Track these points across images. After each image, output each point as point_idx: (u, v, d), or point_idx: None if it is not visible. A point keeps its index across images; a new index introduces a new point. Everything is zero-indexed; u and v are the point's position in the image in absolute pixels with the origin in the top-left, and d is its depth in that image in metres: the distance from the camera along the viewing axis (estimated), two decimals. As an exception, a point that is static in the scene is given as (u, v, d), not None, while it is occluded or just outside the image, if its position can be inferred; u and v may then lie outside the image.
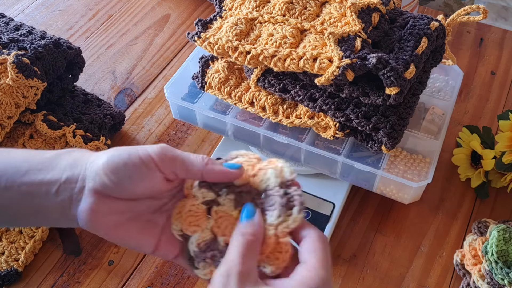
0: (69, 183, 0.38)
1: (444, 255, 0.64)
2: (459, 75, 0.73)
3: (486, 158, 0.66)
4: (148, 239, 0.40)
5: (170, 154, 0.39)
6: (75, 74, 0.77)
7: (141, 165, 0.38)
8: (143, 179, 0.38)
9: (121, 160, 0.38)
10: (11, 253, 0.65)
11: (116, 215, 0.39)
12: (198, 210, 0.40)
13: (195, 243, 0.39)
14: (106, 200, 0.38)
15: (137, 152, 0.38)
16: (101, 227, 0.38)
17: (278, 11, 0.61)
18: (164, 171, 0.39)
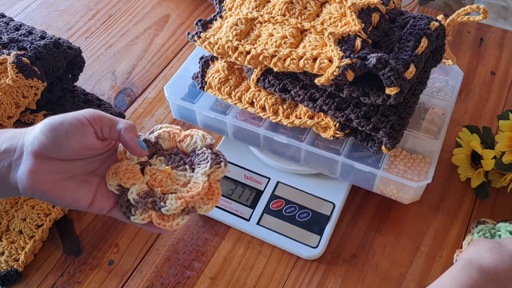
0: (8, 153, 0.43)
1: (444, 255, 0.64)
2: (459, 75, 0.73)
3: (486, 158, 0.66)
4: (84, 195, 0.46)
5: (100, 113, 0.45)
6: (75, 74, 0.77)
7: (75, 122, 0.44)
8: (77, 134, 0.44)
9: (58, 120, 0.43)
10: (11, 253, 0.65)
11: (54, 174, 0.43)
12: (134, 168, 0.48)
13: (135, 192, 0.46)
14: (44, 160, 0.43)
15: (71, 114, 0.44)
16: (40, 186, 0.43)
17: (278, 11, 0.61)
18: (94, 126, 0.45)
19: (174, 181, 0.49)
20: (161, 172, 0.49)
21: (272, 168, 0.70)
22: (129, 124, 0.47)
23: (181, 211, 0.47)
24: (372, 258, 0.64)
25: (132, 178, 0.47)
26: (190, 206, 0.48)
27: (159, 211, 0.46)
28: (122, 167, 0.47)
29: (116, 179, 0.47)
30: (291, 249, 0.64)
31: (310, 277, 0.63)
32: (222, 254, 0.65)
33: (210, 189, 0.48)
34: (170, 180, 0.49)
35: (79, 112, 0.45)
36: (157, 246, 0.66)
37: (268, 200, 0.68)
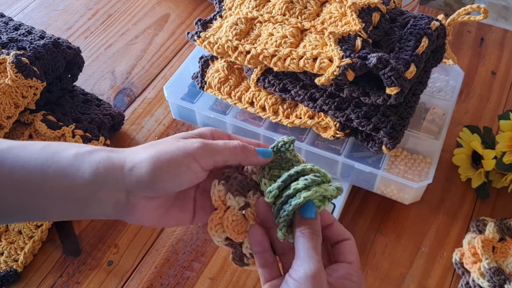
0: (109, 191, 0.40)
1: (444, 256, 0.64)
2: (460, 75, 0.72)
3: (486, 158, 0.66)
4: (187, 215, 0.44)
5: (211, 152, 0.41)
6: (75, 74, 0.77)
7: (186, 169, 0.40)
8: (187, 178, 0.41)
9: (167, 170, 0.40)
10: (10, 253, 0.64)
11: (159, 209, 0.42)
12: (239, 218, 0.43)
13: (249, 246, 0.42)
14: (151, 200, 0.41)
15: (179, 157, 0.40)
16: (148, 222, 0.42)
17: (278, 11, 0.61)
18: (206, 168, 0.41)
19: None
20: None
21: (272, 168, 0.70)
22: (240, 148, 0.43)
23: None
24: (373, 259, 0.64)
25: (242, 231, 0.43)
26: None
27: None
28: (228, 220, 0.43)
29: (223, 233, 0.43)
30: (291, 249, 0.64)
31: (310, 278, 0.63)
32: (221, 255, 0.65)
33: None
34: None
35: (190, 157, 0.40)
36: (157, 246, 0.66)
37: (268, 200, 0.67)
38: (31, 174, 0.40)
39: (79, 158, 0.40)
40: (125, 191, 0.40)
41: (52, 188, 0.40)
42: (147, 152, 0.40)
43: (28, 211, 0.42)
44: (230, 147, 0.42)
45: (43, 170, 0.40)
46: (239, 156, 0.42)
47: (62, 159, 0.40)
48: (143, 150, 0.41)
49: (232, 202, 0.43)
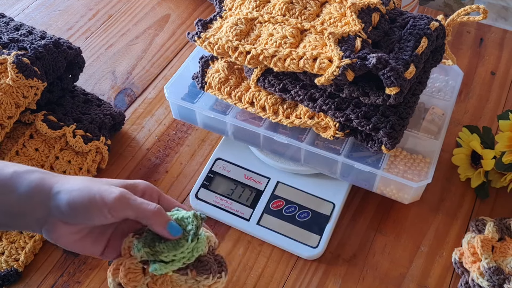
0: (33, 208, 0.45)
1: (444, 255, 0.64)
2: (459, 75, 0.73)
3: (486, 158, 0.66)
4: (98, 247, 0.49)
5: (125, 205, 0.45)
6: (75, 74, 0.77)
7: (98, 213, 0.45)
8: (97, 220, 0.45)
9: (81, 206, 0.45)
10: (11, 253, 0.65)
11: (75, 234, 0.47)
12: (137, 268, 0.47)
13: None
14: (67, 226, 0.46)
15: (95, 201, 0.45)
16: (62, 243, 0.47)
17: (278, 11, 0.61)
18: (116, 217, 0.46)
19: (174, 285, 0.47)
20: (162, 275, 0.47)
21: (272, 168, 0.70)
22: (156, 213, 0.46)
23: None
24: (372, 258, 0.64)
25: (134, 280, 0.47)
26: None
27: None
28: (125, 266, 0.47)
29: (117, 277, 0.47)
30: (291, 249, 0.64)
31: (310, 277, 0.63)
32: (222, 254, 0.65)
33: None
34: (171, 284, 0.47)
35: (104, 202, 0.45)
36: (157, 246, 0.66)
37: (268, 200, 0.68)
38: None
39: (15, 176, 0.46)
40: (47, 211, 0.45)
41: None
42: (75, 184, 0.46)
43: None
44: (143, 208, 0.46)
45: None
46: (150, 220, 0.46)
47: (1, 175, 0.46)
48: (74, 181, 0.46)
49: (135, 252, 0.47)
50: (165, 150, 0.77)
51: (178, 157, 0.76)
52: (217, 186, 0.70)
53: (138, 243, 0.47)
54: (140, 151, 0.77)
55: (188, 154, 0.76)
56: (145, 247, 0.47)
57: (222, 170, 0.71)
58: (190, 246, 0.46)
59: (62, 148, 0.71)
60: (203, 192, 0.69)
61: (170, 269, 0.46)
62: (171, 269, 0.46)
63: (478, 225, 0.64)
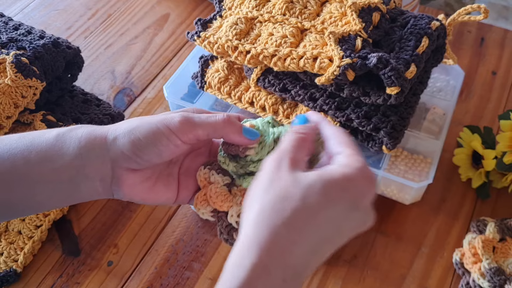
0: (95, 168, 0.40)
1: (445, 256, 0.64)
2: (460, 75, 0.72)
3: (487, 158, 0.66)
4: (172, 190, 0.45)
5: (192, 124, 0.41)
6: (74, 73, 0.77)
7: (167, 142, 0.40)
8: (170, 152, 0.41)
9: (148, 142, 0.40)
10: (10, 253, 0.64)
11: (146, 182, 0.43)
12: (223, 191, 0.44)
13: (235, 214, 0.43)
14: (136, 173, 0.42)
15: (161, 132, 0.40)
16: (137, 196, 0.43)
17: (278, 10, 0.61)
18: (188, 142, 0.42)
19: None
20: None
21: (272, 168, 0.70)
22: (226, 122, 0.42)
23: None
24: (373, 259, 0.64)
25: (227, 200, 0.44)
26: None
27: None
28: (211, 192, 0.44)
29: (208, 205, 0.44)
30: (291, 249, 0.64)
31: (310, 278, 0.63)
32: (222, 255, 0.65)
33: None
34: None
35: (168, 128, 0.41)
36: (157, 247, 0.66)
37: (268, 201, 0.67)
38: (12, 164, 0.39)
39: (60, 137, 0.40)
40: (110, 164, 0.40)
41: (37, 174, 0.39)
42: (129, 123, 0.41)
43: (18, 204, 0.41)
44: (212, 121, 0.42)
45: (24, 157, 0.39)
46: (222, 130, 0.42)
47: (43, 142, 0.40)
48: (126, 123, 0.42)
49: (215, 178, 0.44)
50: (165, 150, 0.77)
51: (177, 157, 0.76)
52: (217, 187, 0.69)
53: (224, 159, 0.44)
54: (139, 151, 0.77)
55: (188, 154, 0.76)
56: (231, 161, 0.43)
57: (222, 170, 0.71)
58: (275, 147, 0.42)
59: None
60: (202, 192, 0.69)
61: None
62: None
63: (479, 226, 0.63)
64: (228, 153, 0.44)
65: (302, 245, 0.35)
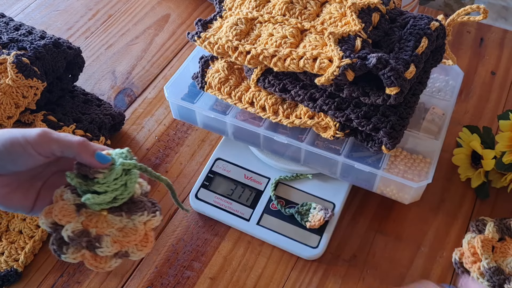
0: None
1: (444, 255, 0.64)
2: (459, 75, 0.72)
3: (486, 158, 0.66)
4: (29, 200, 0.48)
5: (48, 139, 0.45)
6: (75, 74, 0.77)
7: (22, 152, 0.44)
8: (24, 161, 0.44)
9: (4, 148, 0.43)
10: (11, 253, 0.64)
11: (3, 188, 0.46)
12: (70, 208, 0.47)
13: (70, 229, 0.46)
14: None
15: (17, 141, 0.44)
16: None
17: (278, 11, 0.61)
18: (43, 154, 0.45)
19: (109, 225, 0.47)
20: (96, 215, 0.48)
21: (272, 168, 0.70)
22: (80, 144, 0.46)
23: (114, 254, 0.47)
24: (372, 258, 0.64)
25: (68, 216, 0.46)
26: (124, 250, 0.47)
27: (93, 252, 0.46)
28: (58, 206, 0.47)
29: (51, 216, 0.46)
30: (291, 249, 0.64)
31: (310, 278, 0.63)
32: (222, 254, 0.65)
33: (145, 236, 0.48)
34: (106, 223, 0.47)
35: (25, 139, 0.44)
36: (157, 246, 0.66)
37: (268, 200, 0.68)
38: None
39: None
40: None
41: None
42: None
43: None
44: (67, 139, 0.45)
45: None
46: (76, 150, 0.45)
47: None
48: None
49: (68, 196, 0.47)
50: (165, 150, 0.77)
51: (178, 157, 0.76)
52: (217, 186, 0.70)
53: (70, 175, 0.47)
54: (140, 151, 0.77)
55: (188, 154, 0.76)
56: (78, 177, 0.46)
57: (222, 170, 0.71)
58: (123, 178, 0.47)
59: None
60: (203, 192, 0.69)
61: (104, 201, 0.46)
62: (104, 201, 0.46)
63: (479, 225, 0.64)
64: (79, 172, 0.47)
65: None
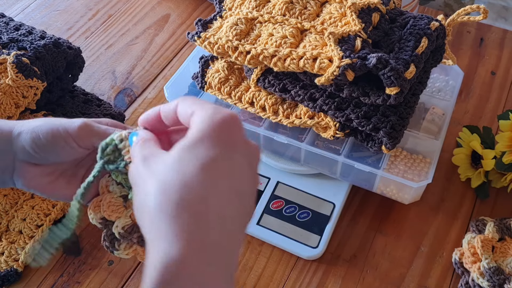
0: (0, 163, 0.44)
1: (444, 255, 0.64)
2: (459, 75, 0.72)
3: (486, 158, 0.66)
4: (72, 189, 0.46)
5: (89, 132, 0.44)
6: (75, 74, 0.77)
7: (64, 144, 0.43)
8: (66, 153, 0.44)
9: (46, 141, 0.43)
10: (11, 253, 0.64)
11: (46, 176, 0.45)
12: (117, 201, 0.46)
13: (120, 226, 0.45)
14: (36, 167, 0.44)
15: (58, 133, 0.43)
16: (36, 188, 0.45)
17: (278, 11, 0.61)
18: (83, 147, 0.44)
19: None
20: None
21: (272, 168, 0.70)
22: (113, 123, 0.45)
23: None
24: (372, 258, 0.64)
25: (117, 211, 0.46)
26: None
27: (144, 247, 0.45)
28: (105, 200, 0.46)
29: (99, 212, 0.46)
30: (291, 249, 0.64)
31: (310, 278, 0.63)
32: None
33: None
34: None
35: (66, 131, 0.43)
36: (157, 246, 0.66)
37: (268, 200, 0.68)
38: None
39: None
40: (12, 156, 0.43)
41: None
42: (35, 121, 0.44)
43: None
44: (108, 133, 0.44)
45: None
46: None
47: None
48: (33, 121, 0.44)
49: (114, 188, 0.46)
50: (165, 150, 0.77)
51: (178, 157, 0.76)
52: (217, 186, 0.70)
53: (115, 172, 0.45)
54: (140, 151, 0.77)
55: (188, 154, 0.76)
56: (122, 174, 0.45)
57: (222, 170, 0.71)
58: None
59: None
60: (203, 192, 0.69)
61: None
62: None
63: (479, 225, 0.64)
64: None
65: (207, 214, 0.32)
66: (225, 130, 0.34)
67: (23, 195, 0.68)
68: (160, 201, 0.32)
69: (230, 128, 0.34)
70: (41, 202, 0.67)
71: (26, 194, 0.68)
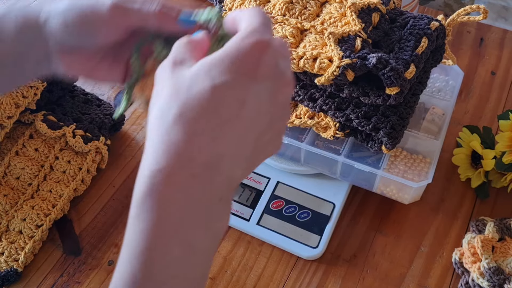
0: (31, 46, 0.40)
1: (444, 255, 0.64)
2: (459, 75, 0.72)
3: (486, 158, 0.66)
4: (118, 72, 0.44)
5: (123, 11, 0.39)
6: (75, 74, 0.77)
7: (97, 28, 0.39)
8: (98, 38, 0.40)
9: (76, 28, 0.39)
10: (10, 253, 0.64)
11: (87, 62, 0.42)
12: None
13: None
14: (74, 54, 0.41)
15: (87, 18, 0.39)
16: (79, 75, 0.43)
17: (278, 11, 0.61)
18: (120, 27, 0.40)
19: None
20: None
21: (272, 168, 0.70)
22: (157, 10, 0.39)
23: None
24: (372, 258, 0.64)
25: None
26: None
27: None
28: (151, 81, 0.41)
29: (143, 95, 0.42)
30: (291, 249, 0.64)
31: (310, 278, 0.63)
32: (222, 254, 0.65)
33: None
34: None
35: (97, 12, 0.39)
36: (157, 246, 0.66)
37: (268, 200, 0.68)
38: None
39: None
40: (44, 45, 0.40)
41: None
42: (62, 4, 0.40)
43: None
44: (145, 10, 0.39)
45: None
46: (156, 20, 0.39)
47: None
48: (60, 3, 0.40)
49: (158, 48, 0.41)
50: (165, 150, 0.77)
51: (178, 157, 0.76)
52: (217, 186, 0.70)
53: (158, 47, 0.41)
54: (140, 151, 0.77)
55: (188, 154, 0.76)
56: (166, 48, 0.40)
57: (222, 170, 0.71)
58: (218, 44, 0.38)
59: (62, 148, 0.71)
60: (203, 192, 0.69)
61: None
62: None
63: (479, 225, 0.64)
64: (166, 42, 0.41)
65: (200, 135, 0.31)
66: (251, 57, 0.32)
67: (23, 195, 0.68)
68: (162, 111, 0.32)
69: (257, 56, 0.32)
70: (41, 202, 0.67)
71: (26, 194, 0.68)
